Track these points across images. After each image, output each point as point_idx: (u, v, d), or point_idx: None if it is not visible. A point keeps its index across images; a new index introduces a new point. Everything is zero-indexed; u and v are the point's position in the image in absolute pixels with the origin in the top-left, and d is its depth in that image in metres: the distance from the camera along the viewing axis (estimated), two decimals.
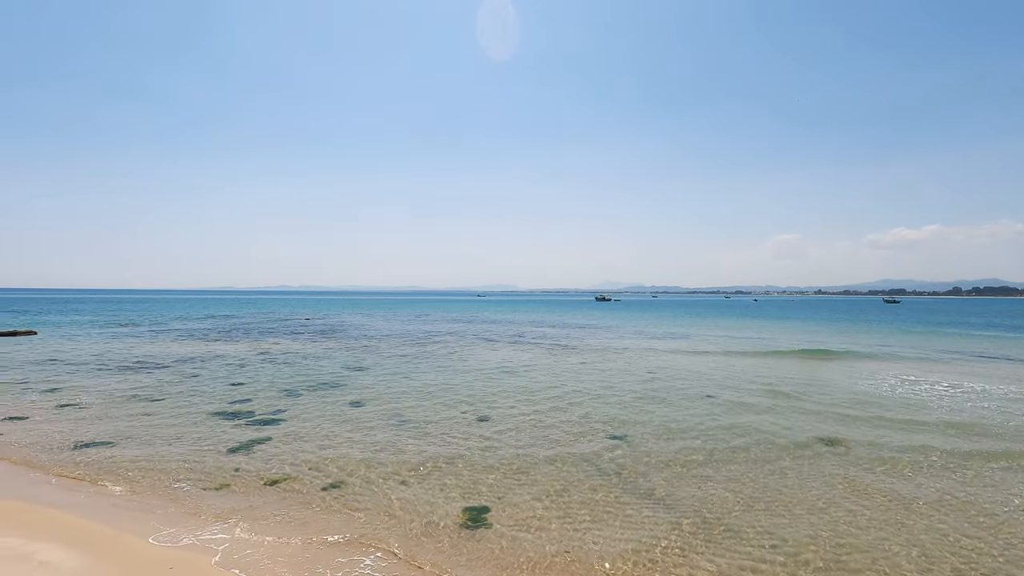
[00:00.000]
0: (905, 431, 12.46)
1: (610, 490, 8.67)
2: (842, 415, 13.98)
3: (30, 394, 15.94)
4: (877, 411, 14.42)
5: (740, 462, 10.13)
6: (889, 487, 8.88)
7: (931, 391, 17.38)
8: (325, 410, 14.18)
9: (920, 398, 16.24)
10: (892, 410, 14.58)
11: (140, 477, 9.16)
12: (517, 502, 8.18)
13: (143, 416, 13.39)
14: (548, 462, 10.08)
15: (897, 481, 9.19)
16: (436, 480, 9.10)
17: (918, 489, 8.80)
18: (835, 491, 8.67)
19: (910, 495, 8.53)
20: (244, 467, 9.72)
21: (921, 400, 15.94)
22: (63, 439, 11.34)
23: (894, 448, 11.07)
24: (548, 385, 18.17)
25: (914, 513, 7.85)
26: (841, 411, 14.42)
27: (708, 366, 23.34)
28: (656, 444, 11.30)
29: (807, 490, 8.72)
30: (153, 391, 16.47)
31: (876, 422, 13.27)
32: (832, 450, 10.93)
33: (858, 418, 13.67)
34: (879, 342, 35.62)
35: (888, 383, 18.94)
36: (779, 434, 12.10)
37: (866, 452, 10.79)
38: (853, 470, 9.71)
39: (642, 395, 16.45)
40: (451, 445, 11.14)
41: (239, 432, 12.07)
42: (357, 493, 8.53)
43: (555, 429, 12.48)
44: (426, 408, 14.53)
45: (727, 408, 14.74)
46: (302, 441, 11.35)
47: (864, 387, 18.08)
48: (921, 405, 15.24)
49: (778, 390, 17.27)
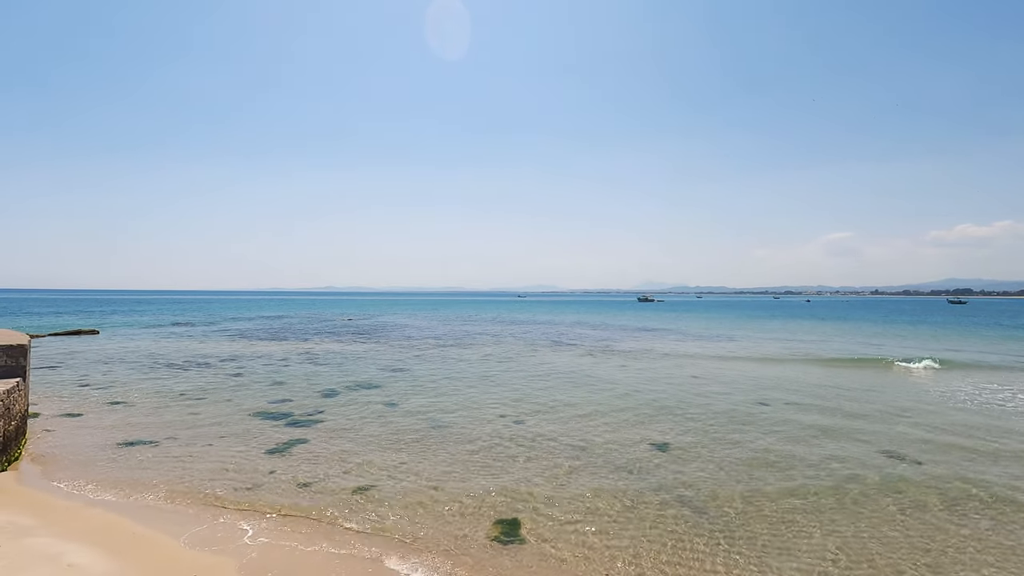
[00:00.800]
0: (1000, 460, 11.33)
1: (651, 506, 8.15)
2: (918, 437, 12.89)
3: (88, 391, 16.63)
4: (957, 437, 13.20)
5: (794, 477, 9.40)
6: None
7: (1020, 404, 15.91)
8: (361, 412, 14.14)
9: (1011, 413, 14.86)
10: (980, 436, 12.56)
11: (178, 478, 9.24)
12: (553, 515, 7.76)
13: (188, 415, 13.68)
14: (586, 473, 9.61)
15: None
16: (469, 488, 8.78)
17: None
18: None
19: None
20: (279, 469, 9.69)
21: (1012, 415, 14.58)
22: (111, 437, 11.65)
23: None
24: (587, 390, 17.65)
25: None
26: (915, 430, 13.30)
27: (757, 372, 22.24)
28: (702, 456, 10.65)
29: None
30: (199, 390, 16.89)
31: (954, 449, 12.14)
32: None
33: (934, 442, 12.56)
34: (951, 346, 33.26)
35: (972, 396, 17.48)
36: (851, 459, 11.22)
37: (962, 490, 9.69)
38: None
39: (686, 403, 15.71)
40: (485, 451, 10.81)
41: (277, 433, 12.12)
42: (387, 499, 8.31)
43: (594, 437, 11.98)
44: (462, 412, 14.28)
45: (779, 420, 13.88)
46: (337, 444, 11.28)
47: (940, 400, 16.73)
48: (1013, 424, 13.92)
49: (836, 405, 16.16)
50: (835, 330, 48.11)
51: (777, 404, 15.37)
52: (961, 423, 13.32)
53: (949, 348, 31.90)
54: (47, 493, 8.20)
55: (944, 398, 16.37)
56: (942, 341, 37.14)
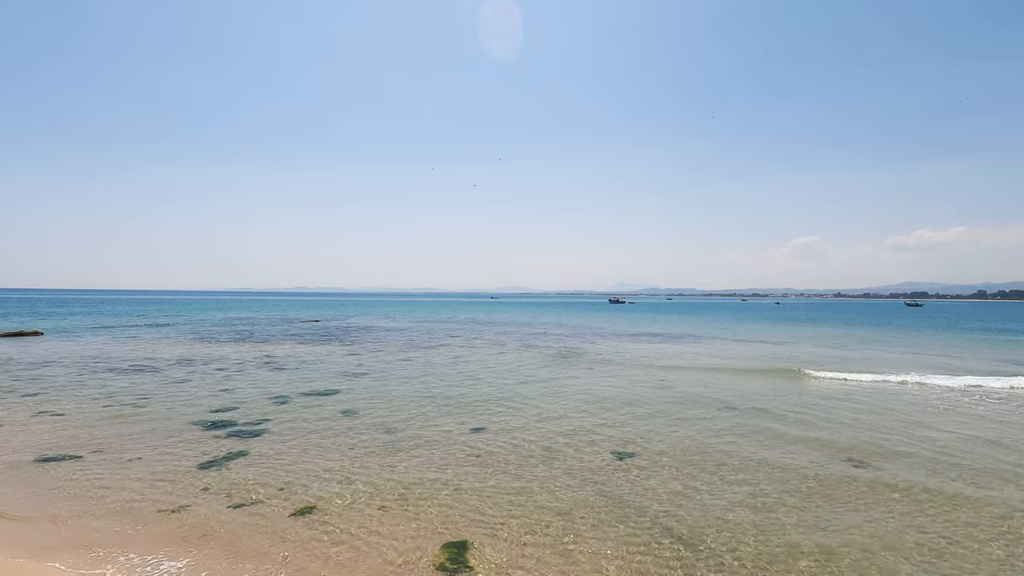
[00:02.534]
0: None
1: (615, 522, 7.59)
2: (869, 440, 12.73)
3: (11, 399, 15.29)
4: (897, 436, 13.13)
5: (762, 484, 8.99)
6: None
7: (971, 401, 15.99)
8: (313, 421, 13.27)
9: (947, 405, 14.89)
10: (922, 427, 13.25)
11: (96, 498, 8.28)
12: (507, 536, 7.13)
13: (120, 425, 12.60)
14: (545, 485, 9.01)
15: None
16: (418, 507, 8.08)
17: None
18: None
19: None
20: (212, 486, 8.82)
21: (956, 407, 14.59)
22: (28, 452, 10.55)
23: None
24: (553, 393, 17.10)
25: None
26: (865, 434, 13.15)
27: (724, 375, 22.09)
28: (668, 464, 10.18)
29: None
30: (138, 397, 15.72)
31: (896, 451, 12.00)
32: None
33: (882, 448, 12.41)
34: (914, 349, 33.95)
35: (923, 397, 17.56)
36: (803, 459, 10.91)
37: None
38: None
39: (654, 407, 15.31)
40: (440, 464, 10.11)
41: (216, 445, 11.19)
42: (329, 521, 7.55)
43: (556, 445, 11.41)
44: (420, 419, 13.54)
45: (749, 427, 13.57)
46: (280, 457, 10.42)
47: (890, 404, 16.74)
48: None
49: (794, 411, 15.99)
50: (802, 334, 48.82)
51: (746, 411, 15.08)
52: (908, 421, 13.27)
53: (912, 351, 32.53)
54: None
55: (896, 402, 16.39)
56: (906, 344, 37.93)
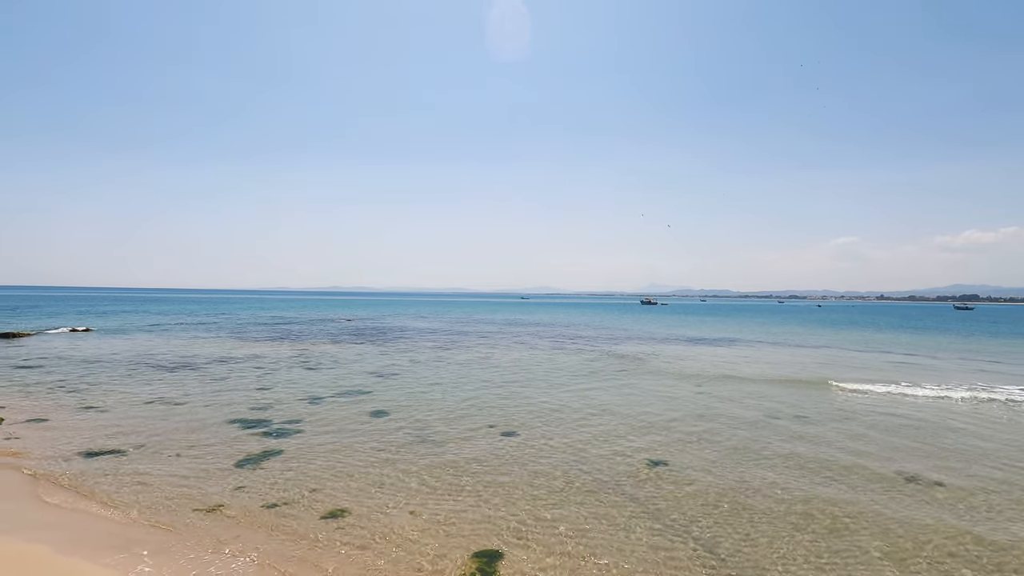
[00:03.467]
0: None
1: (649, 533, 7.27)
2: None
3: (60, 394, 15.87)
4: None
5: (814, 511, 8.52)
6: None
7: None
8: (345, 421, 13.32)
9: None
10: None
11: (136, 493, 8.45)
12: (538, 545, 6.91)
13: (160, 421, 12.90)
14: (577, 493, 8.76)
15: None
16: (449, 512, 7.94)
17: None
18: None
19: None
20: (246, 485, 8.88)
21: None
22: (73, 447, 10.87)
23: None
24: (585, 398, 16.78)
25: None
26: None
27: (767, 388, 21.32)
28: (704, 472, 9.78)
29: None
30: (179, 394, 16.12)
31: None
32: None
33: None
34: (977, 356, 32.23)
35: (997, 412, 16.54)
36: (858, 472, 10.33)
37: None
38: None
39: (692, 415, 14.83)
40: (471, 468, 9.95)
41: (252, 443, 11.31)
42: (359, 524, 7.48)
43: (589, 451, 11.12)
44: (451, 421, 13.44)
45: (794, 435, 13.00)
46: (313, 457, 10.44)
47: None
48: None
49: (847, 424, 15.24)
50: (846, 338, 46.99)
51: (787, 419, 14.46)
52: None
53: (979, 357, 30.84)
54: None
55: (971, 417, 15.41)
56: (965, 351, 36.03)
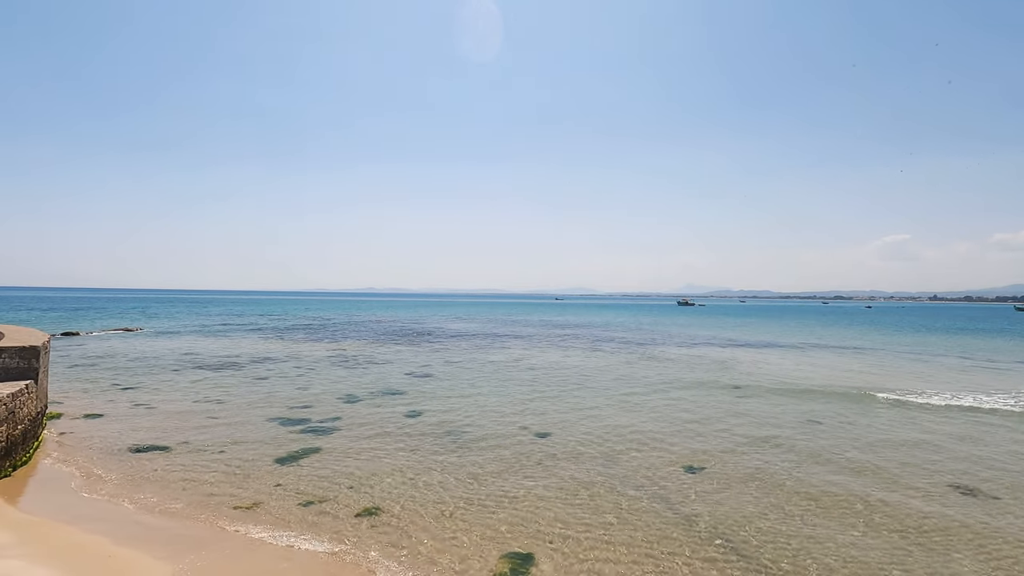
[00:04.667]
0: None
1: (683, 539, 7.07)
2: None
3: (115, 391, 16.65)
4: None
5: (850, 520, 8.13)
6: None
7: None
8: (380, 420, 13.49)
9: None
10: None
11: (181, 489, 8.76)
12: (571, 549, 6.82)
13: (206, 419, 13.36)
14: (611, 497, 8.60)
15: None
16: (480, 513, 7.92)
17: None
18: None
19: None
20: (285, 482, 9.09)
21: None
22: (125, 441, 11.36)
23: None
24: (621, 401, 16.52)
25: None
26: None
27: (803, 395, 20.56)
28: (741, 482, 9.45)
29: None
30: (223, 392, 16.67)
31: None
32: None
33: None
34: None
35: None
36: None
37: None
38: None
39: (729, 421, 14.42)
40: (503, 470, 9.92)
41: (291, 440, 11.59)
42: (391, 524, 7.55)
43: (623, 455, 10.92)
44: (484, 422, 13.45)
45: (832, 441, 12.48)
46: (350, 455, 10.62)
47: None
48: None
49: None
50: (898, 342, 44.89)
51: (831, 425, 13.89)
52: None
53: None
54: (35, 506, 7.83)
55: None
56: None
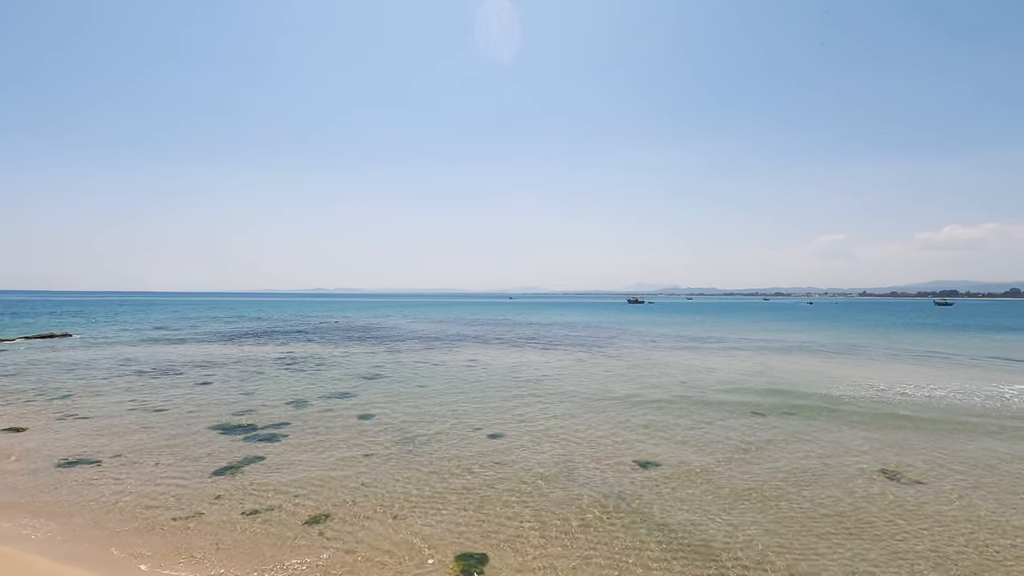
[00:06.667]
0: None
1: (637, 535, 7.31)
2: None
3: (40, 402, 15.57)
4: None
5: (793, 499, 8.63)
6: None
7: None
8: (330, 424, 13.21)
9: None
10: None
11: (113, 504, 8.29)
12: (525, 548, 6.91)
13: (141, 430, 12.69)
14: (566, 495, 8.75)
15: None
16: (434, 515, 7.90)
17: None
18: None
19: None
20: (226, 493, 8.76)
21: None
22: (51, 456, 10.65)
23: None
24: (572, 398, 16.81)
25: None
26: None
27: (745, 375, 21.55)
28: (691, 473, 9.84)
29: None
30: (160, 400, 15.88)
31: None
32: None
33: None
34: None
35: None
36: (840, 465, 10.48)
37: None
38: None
39: (678, 414, 14.92)
40: (457, 471, 9.91)
41: (234, 449, 11.18)
42: (343, 529, 7.43)
43: (577, 452, 11.14)
44: (437, 423, 13.40)
45: (776, 429, 13.15)
46: (296, 462, 10.35)
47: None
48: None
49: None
50: (833, 335, 47.65)
51: (776, 416, 14.63)
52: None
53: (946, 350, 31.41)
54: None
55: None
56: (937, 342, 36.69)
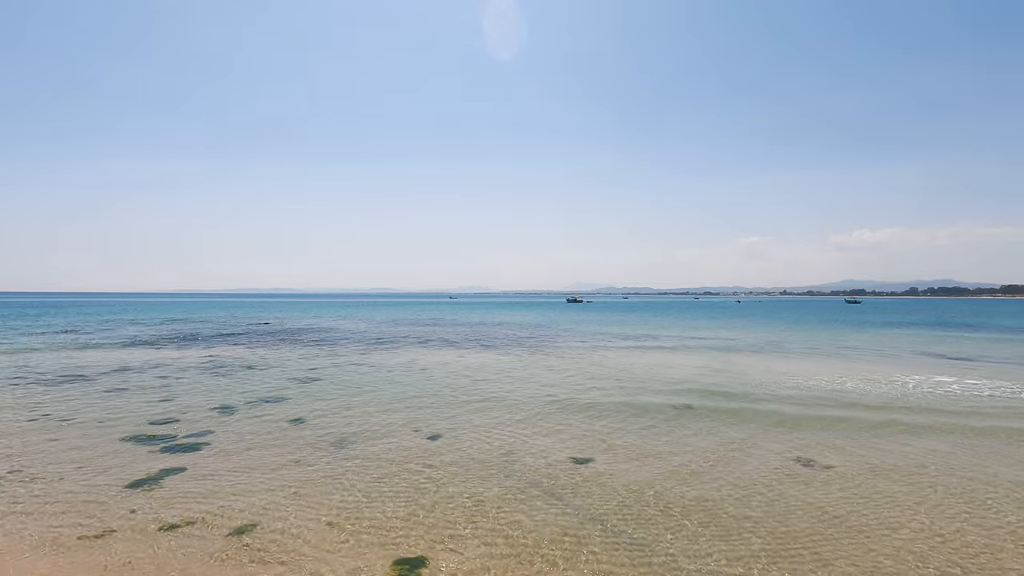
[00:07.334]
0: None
1: (572, 529, 7.48)
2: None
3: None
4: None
5: (725, 486, 9.10)
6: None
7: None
8: (259, 431, 12.64)
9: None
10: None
11: (9, 525, 7.56)
12: (463, 550, 6.90)
13: (43, 442, 11.63)
14: (503, 494, 8.83)
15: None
16: (370, 521, 7.74)
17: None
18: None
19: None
20: (142, 507, 8.20)
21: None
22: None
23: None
24: (512, 398, 16.93)
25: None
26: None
27: (680, 373, 22.49)
28: (627, 468, 10.17)
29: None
30: (66, 410, 14.61)
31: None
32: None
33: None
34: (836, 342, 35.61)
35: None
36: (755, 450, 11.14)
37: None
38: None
39: (610, 405, 15.37)
40: (394, 475, 9.76)
41: (151, 460, 10.47)
42: (272, 539, 7.13)
43: (515, 452, 11.23)
44: (372, 426, 13.12)
45: (707, 423, 13.79)
46: (221, 471, 9.83)
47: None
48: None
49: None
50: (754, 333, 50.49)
51: (697, 404, 15.34)
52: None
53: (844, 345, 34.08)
54: None
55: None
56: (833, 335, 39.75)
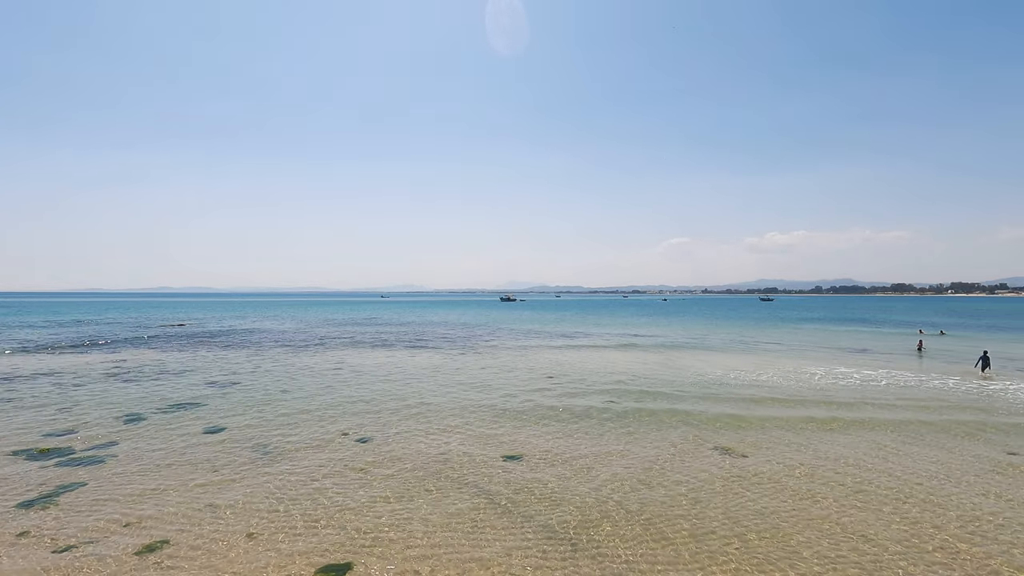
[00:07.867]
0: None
1: (504, 527, 7.62)
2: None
3: None
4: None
5: (657, 484, 9.55)
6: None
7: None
8: (170, 440, 11.86)
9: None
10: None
11: None
12: (393, 553, 6.86)
13: None
14: (434, 495, 8.83)
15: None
16: (294, 530, 7.50)
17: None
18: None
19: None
20: (34, 529, 7.52)
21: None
22: None
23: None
24: (442, 395, 16.91)
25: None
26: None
27: (606, 363, 23.25)
28: (562, 470, 10.39)
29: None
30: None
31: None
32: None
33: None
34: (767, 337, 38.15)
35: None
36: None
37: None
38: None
39: (543, 404, 15.69)
40: (320, 481, 9.49)
41: (45, 477, 9.59)
42: (185, 556, 6.77)
43: (444, 450, 11.25)
44: (298, 431, 12.67)
45: (633, 416, 14.38)
46: (128, 486, 9.17)
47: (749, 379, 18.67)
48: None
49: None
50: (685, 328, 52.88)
51: (627, 402, 15.96)
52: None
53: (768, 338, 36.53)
54: None
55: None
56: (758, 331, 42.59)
